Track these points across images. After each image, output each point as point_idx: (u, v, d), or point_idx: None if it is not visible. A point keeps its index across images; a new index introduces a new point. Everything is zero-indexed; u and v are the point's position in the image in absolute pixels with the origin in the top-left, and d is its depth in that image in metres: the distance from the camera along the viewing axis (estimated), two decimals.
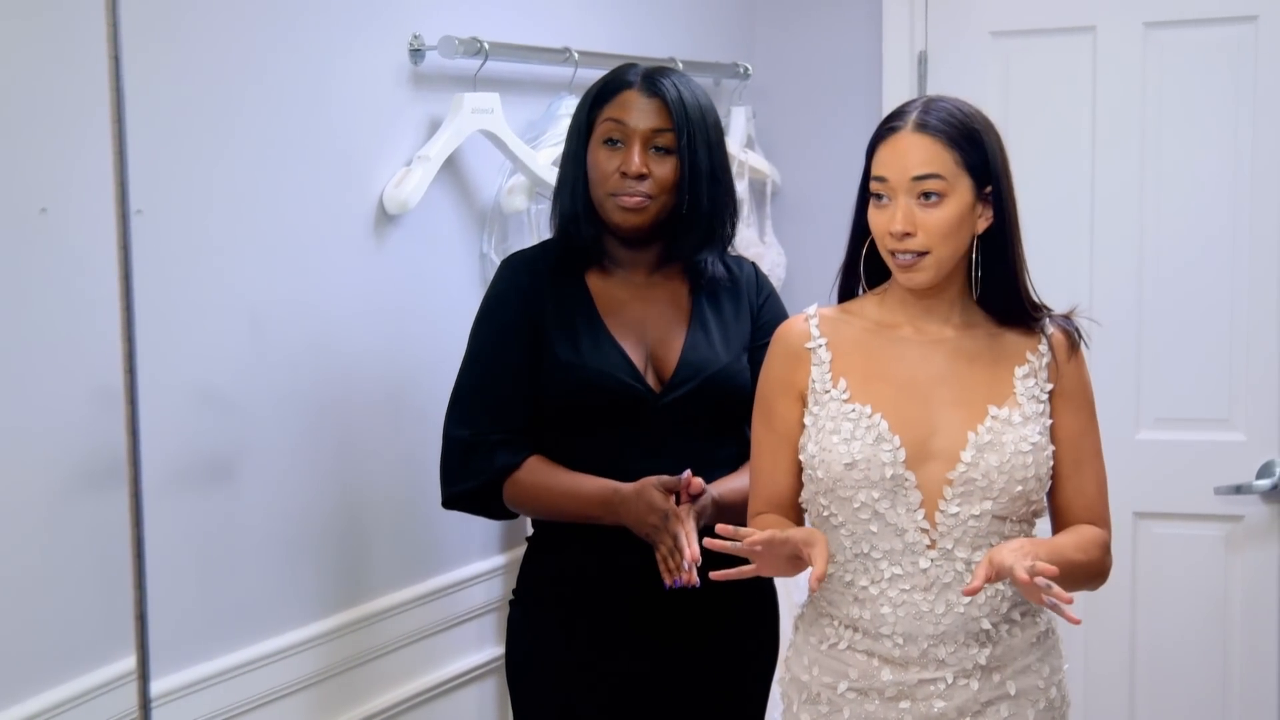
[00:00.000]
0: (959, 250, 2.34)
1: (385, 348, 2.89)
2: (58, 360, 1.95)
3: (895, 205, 2.30)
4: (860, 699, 2.36)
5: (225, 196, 2.53)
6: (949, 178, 2.29)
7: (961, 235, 2.32)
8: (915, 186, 2.29)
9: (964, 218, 2.31)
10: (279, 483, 2.66)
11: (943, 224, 2.29)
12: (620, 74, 2.72)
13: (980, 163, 2.32)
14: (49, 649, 1.92)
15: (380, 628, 2.88)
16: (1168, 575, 3.83)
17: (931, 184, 2.29)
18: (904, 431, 2.33)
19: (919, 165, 2.29)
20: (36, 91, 1.89)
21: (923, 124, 2.31)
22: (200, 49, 2.47)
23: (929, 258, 2.31)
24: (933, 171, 2.29)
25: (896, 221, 2.29)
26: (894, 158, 2.31)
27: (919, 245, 2.30)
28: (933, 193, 2.29)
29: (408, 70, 2.91)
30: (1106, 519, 2.44)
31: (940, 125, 2.31)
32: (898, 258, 2.32)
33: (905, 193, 2.30)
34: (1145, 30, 3.80)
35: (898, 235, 2.30)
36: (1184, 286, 3.81)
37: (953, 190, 2.30)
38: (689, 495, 2.55)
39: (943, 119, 2.31)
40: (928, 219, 2.29)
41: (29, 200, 1.90)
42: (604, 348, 2.68)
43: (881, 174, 2.32)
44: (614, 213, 2.68)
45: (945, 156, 2.30)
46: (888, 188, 2.31)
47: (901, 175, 2.30)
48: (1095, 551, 2.37)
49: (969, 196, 2.31)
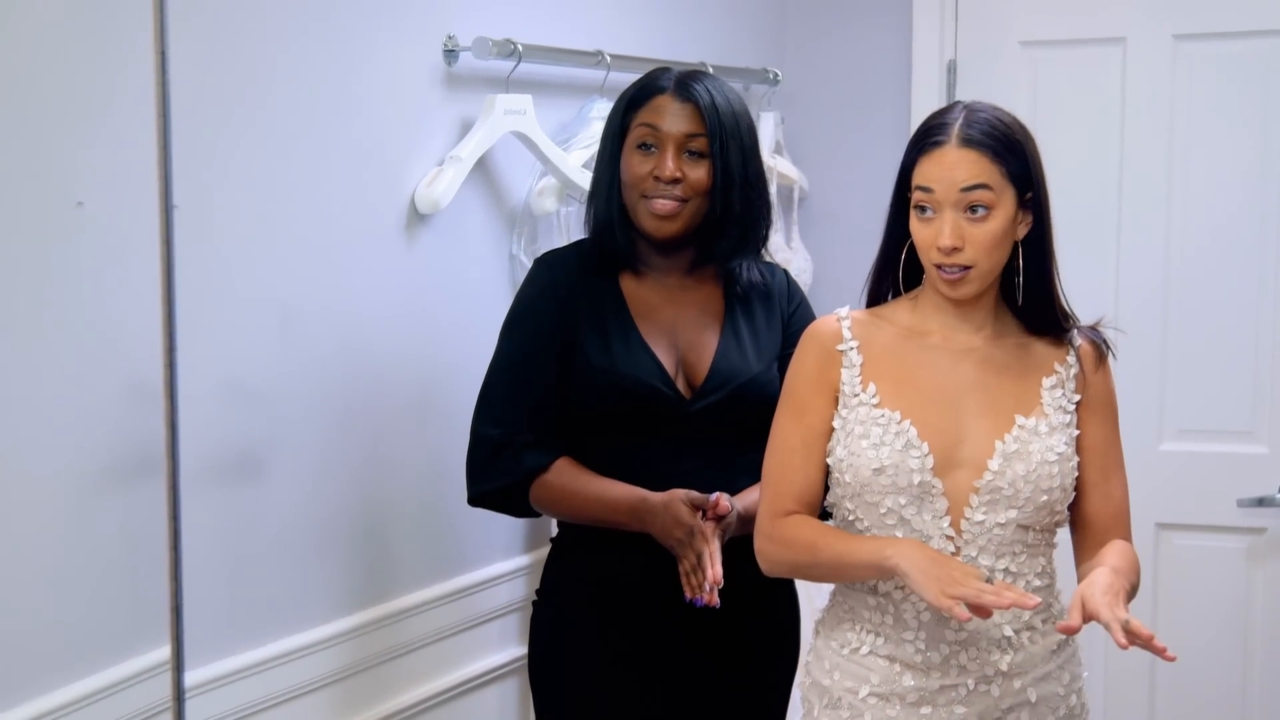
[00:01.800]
0: (1002, 261, 2.34)
1: (415, 347, 2.90)
2: (91, 354, 1.96)
3: (942, 219, 2.30)
4: (882, 704, 2.36)
5: (258, 194, 2.54)
6: (996, 190, 2.30)
7: (1005, 247, 2.33)
8: (963, 199, 2.29)
9: (1008, 230, 2.32)
10: (307, 480, 2.67)
11: (990, 238, 2.30)
12: (654, 79, 2.73)
13: (1022, 171, 2.32)
14: (76, 641, 1.93)
15: (404, 626, 2.89)
16: (1189, 587, 3.83)
17: (980, 195, 2.29)
18: (932, 439, 2.33)
19: (967, 178, 2.29)
20: (72, 86, 1.91)
21: (967, 138, 2.30)
22: (235, 48, 2.48)
23: (974, 271, 2.31)
24: (981, 183, 2.29)
25: (945, 236, 2.29)
26: (940, 171, 2.30)
27: (966, 259, 2.30)
28: (980, 205, 2.29)
29: (441, 71, 2.92)
30: (1130, 528, 2.44)
31: (984, 139, 2.30)
32: (944, 272, 2.32)
33: (952, 206, 2.29)
34: (1175, 42, 3.80)
35: (946, 250, 2.30)
36: (1209, 298, 3.81)
37: (999, 202, 2.30)
38: (715, 515, 2.56)
39: (985, 132, 2.31)
40: (975, 233, 2.29)
41: (65, 194, 1.91)
42: (635, 352, 2.69)
43: (927, 185, 2.31)
44: (646, 218, 2.69)
45: (992, 169, 2.30)
46: (933, 199, 2.31)
47: (949, 189, 2.29)
48: (1135, 566, 2.38)
49: (1012, 207, 2.32)
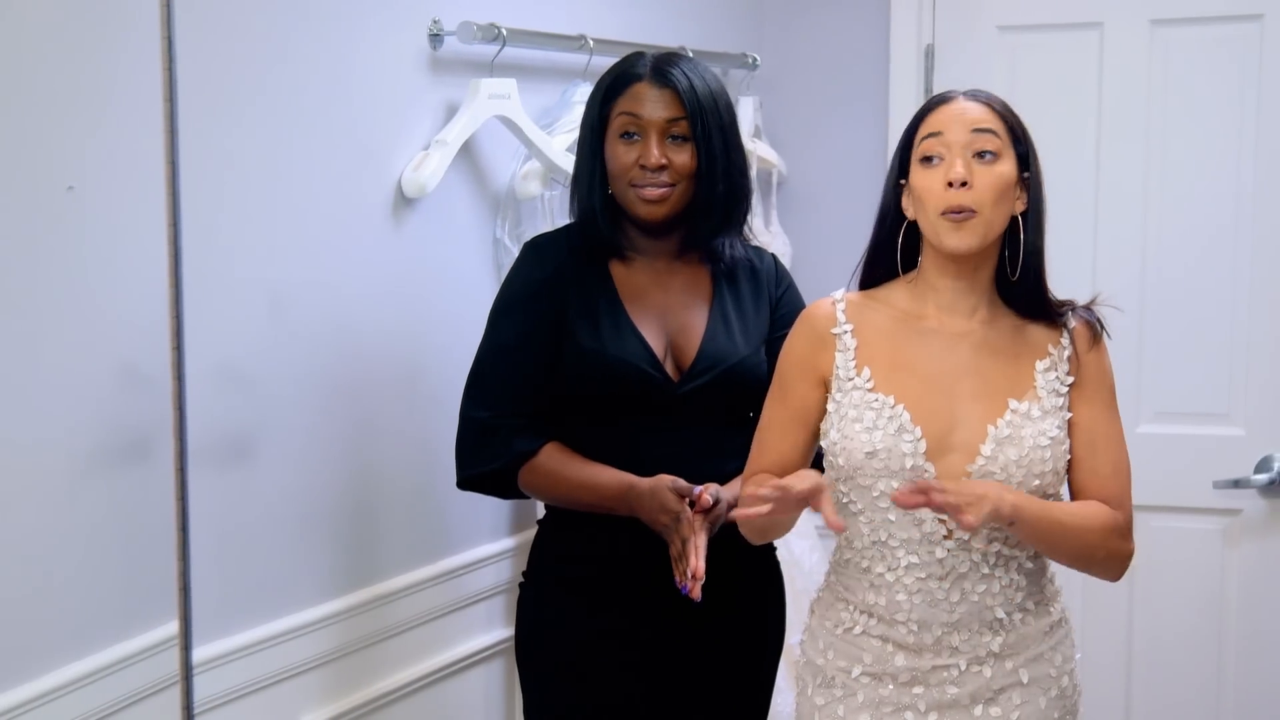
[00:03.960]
0: (1003, 220, 2.36)
1: (402, 330, 2.91)
2: (85, 338, 1.96)
3: (952, 158, 2.34)
4: (874, 683, 2.39)
5: (245, 179, 2.55)
6: (1002, 142, 2.35)
7: (1007, 205, 2.36)
8: (974, 140, 2.34)
9: (1010, 187, 2.36)
10: (295, 462, 2.68)
11: (997, 182, 2.33)
12: (629, 66, 2.73)
13: (1023, 145, 2.39)
14: (74, 621, 1.93)
15: (391, 608, 2.90)
16: (1166, 568, 3.86)
17: (989, 140, 2.34)
18: (925, 423, 2.35)
19: (978, 119, 2.35)
20: (68, 72, 1.90)
21: (974, 95, 2.39)
22: (221, 35, 2.48)
23: (978, 218, 2.33)
24: (990, 127, 2.35)
25: (956, 168, 2.32)
26: (951, 116, 2.36)
27: (972, 201, 2.32)
28: (988, 151, 2.34)
29: (426, 55, 2.92)
30: (1121, 501, 2.41)
31: (990, 99, 2.39)
32: (949, 216, 2.33)
33: (963, 148, 2.34)
34: (1151, 27, 3.82)
35: (956, 183, 2.32)
36: (1186, 282, 3.84)
37: (1004, 155, 2.35)
38: (700, 509, 2.58)
39: (991, 97, 2.40)
40: (984, 175, 2.33)
41: (59, 179, 1.91)
42: (625, 335, 2.70)
43: (937, 129, 2.36)
44: (636, 204, 2.70)
45: (999, 123, 2.37)
46: (943, 142, 2.35)
47: (961, 129, 2.34)
48: (1094, 524, 2.36)
49: (1013, 170, 2.36)
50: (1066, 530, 2.33)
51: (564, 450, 2.71)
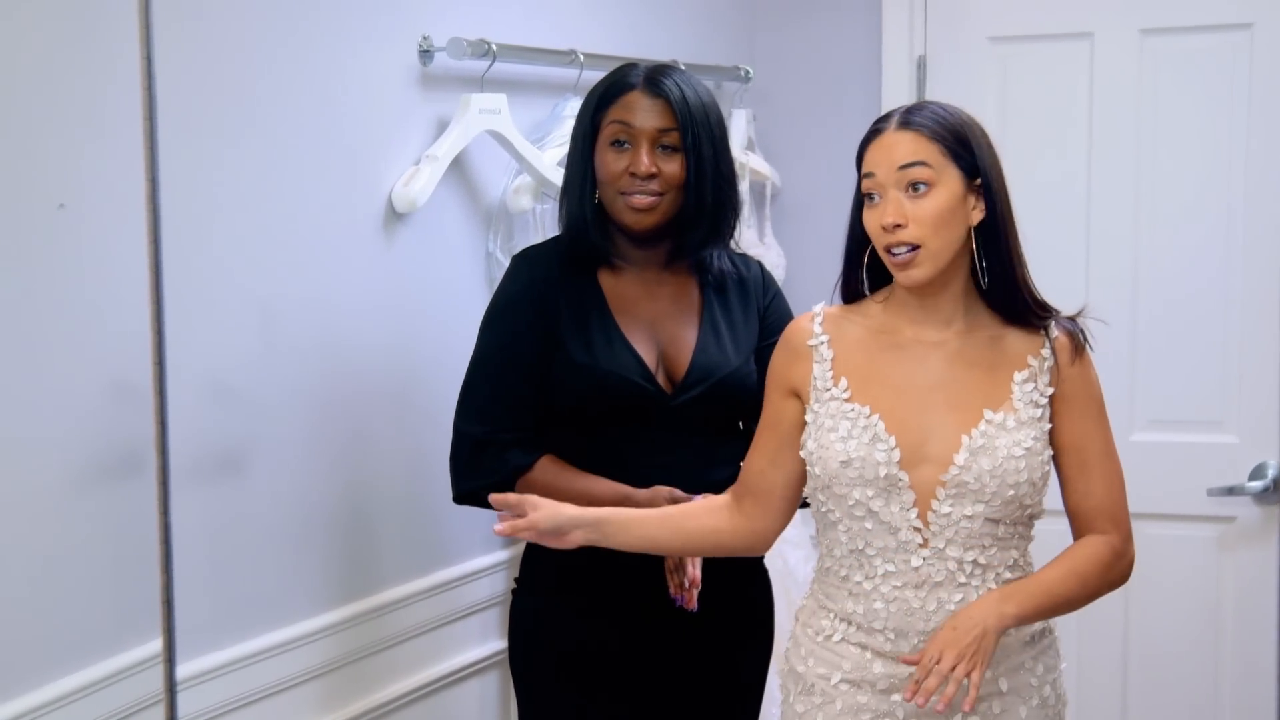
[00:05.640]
0: (953, 243, 2.36)
1: (393, 344, 2.92)
2: (73, 354, 1.98)
3: (886, 200, 2.34)
4: (853, 690, 2.40)
5: (236, 194, 2.56)
6: (935, 166, 2.33)
7: (954, 228, 2.35)
8: (903, 177, 2.33)
9: (954, 209, 2.34)
10: (288, 476, 2.69)
11: (932, 213, 2.32)
12: (622, 75, 2.76)
13: (967, 155, 2.35)
14: (62, 637, 1.95)
15: (385, 620, 2.91)
16: (1161, 576, 3.85)
17: (918, 172, 2.33)
18: (900, 433, 2.36)
19: (904, 155, 2.33)
20: (53, 88, 1.92)
21: (906, 122, 2.36)
22: (212, 50, 2.50)
23: (923, 252, 2.33)
24: (919, 160, 2.33)
25: (887, 214, 2.32)
26: (879, 154, 2.35)
27: (911, 237, 2.33)
28: (920, 182, 2.33)
29: (417, 71, 2.94)
30: (1116, 516, 2.43)
31: (923, 121, 2.36)
32: (893, 254, 2.35)
33: (894, 185, 2.33)
34: (1141, 37, 3.84)
35: (889, 227, 2.33)
36: (1178, 290, 3.85)
37: (940, 180, 2.33)
38: None
39: (926, 116, 2.37)
40: (917, 210, 2.32)
41: (47, 196, 1.93)
42: (616, 348, 2.71)
43: (870, 170, 2.36)
44: (626, 213, 2.72)
45: (930, 147, 2.34)
46: (876, 183, 2.35)
47: (889, 168, 2.34)
48: (1092, 573, 2.39)
49: (958, 187, 2.34)
50: (1071, 597, 2.37)
51: (558, 463, 2.72)
